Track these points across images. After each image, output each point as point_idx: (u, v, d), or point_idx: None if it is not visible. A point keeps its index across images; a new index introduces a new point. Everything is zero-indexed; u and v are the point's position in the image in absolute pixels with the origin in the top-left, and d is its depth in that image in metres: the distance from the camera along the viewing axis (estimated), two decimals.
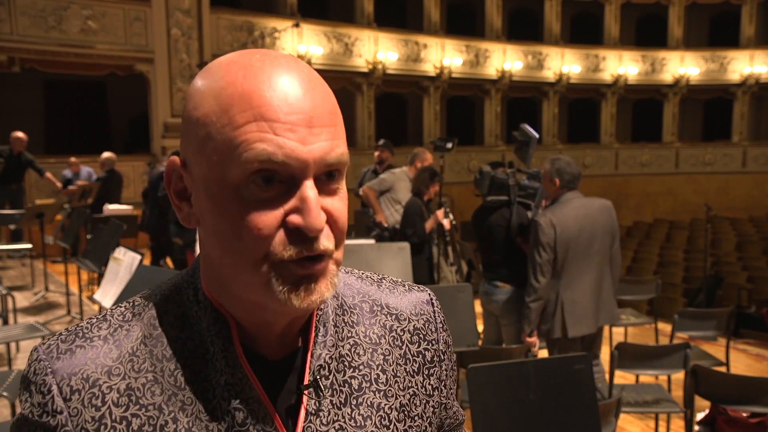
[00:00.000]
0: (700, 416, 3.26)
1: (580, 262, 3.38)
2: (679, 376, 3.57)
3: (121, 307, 0.67)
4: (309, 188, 0.57)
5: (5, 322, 4.57)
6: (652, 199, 17.61)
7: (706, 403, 3.20)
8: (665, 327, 5.40)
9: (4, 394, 2.98)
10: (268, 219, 0.57)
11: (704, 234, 8.71)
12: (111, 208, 7.77)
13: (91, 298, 4.76)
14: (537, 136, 3.98)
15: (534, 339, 3.49)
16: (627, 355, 3.31)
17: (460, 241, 6.84)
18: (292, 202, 0.57)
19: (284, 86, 0.57)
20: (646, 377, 4.13)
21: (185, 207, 0.63)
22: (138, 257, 3.38)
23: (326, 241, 0.59)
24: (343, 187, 0.62)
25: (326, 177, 0.60)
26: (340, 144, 0.60)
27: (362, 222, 6.13)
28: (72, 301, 6.03)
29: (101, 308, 3.65)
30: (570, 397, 2.04)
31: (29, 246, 7.71)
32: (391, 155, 6.55)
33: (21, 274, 7.94)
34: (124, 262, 3.43)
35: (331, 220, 0.60)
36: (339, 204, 0.61)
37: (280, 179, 0.57)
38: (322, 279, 0.60)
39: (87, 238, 6.53)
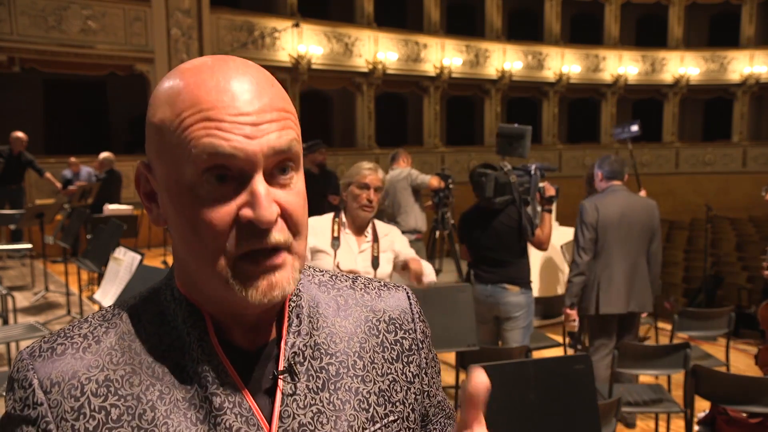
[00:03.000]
0: (700, 416, 3.27)
1: (617, 247, 3.75)
2: (679, 376, 3.57)
3: (102, 310, 0.70)
4: (258, 182, 0.59)
5: (5, 322, 4.57)
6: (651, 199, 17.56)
7: (706, 403, 3.20)
8: (665, 327, 5.40)
9: (4, 394, 2.98)
10: (221, 214, 0.59)
11: (704, 234, 8.71)
12: (111, 208, 7.76)
13: (91, 298, 4.76)
14: (530, 127, 4.16)
15: (573, 312, 3.81)
16: (627, 355, 3.31)
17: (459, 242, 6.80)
18: (243, 197, 0.60)
19: (232, 90, 0.59)
20: (646, 377, 4.13)
21: (154, 208, 0.67)
22: (138, 257, 3.39)
23: (278, 234, 0.61)
24: (297, 180, 0.64)
25: (279, 171, 0.62)
26: (289, 132, 0.61)
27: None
28: (72, 301, 6.03)
29: (101, 308, 3.64)
30: (570, 397, 2.04)
31: (29, 246, 7.70)
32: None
33: (21, 274, 7.94)
34: (124, 262, 3.43)
35: (285, 214, 0.62)
36: (293, 197, 0.63)
37: (232, 176, 0.59)
38: (280, 272, 0.62)
39: (87, 238, 6.53)
